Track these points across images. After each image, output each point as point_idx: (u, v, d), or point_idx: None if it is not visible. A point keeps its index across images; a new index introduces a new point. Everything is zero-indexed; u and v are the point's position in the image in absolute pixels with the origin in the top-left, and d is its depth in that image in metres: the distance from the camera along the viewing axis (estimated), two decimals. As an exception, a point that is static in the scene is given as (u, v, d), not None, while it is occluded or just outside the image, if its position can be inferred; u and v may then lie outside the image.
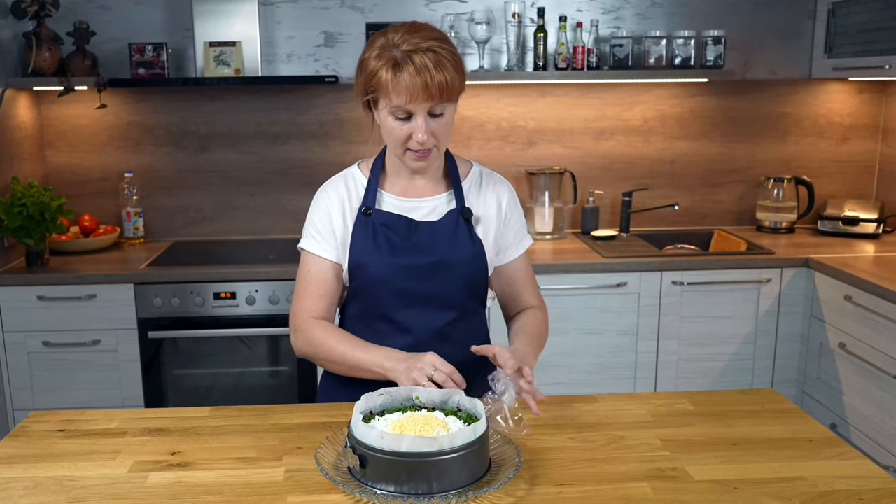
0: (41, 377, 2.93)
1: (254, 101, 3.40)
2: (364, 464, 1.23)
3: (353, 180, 1.67)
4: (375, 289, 1.62)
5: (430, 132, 1.51)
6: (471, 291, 1.66)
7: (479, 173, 1.72)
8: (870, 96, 3.56)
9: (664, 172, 3.58)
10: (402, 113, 1.49)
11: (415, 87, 1.45)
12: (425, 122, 1.49)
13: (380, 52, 1.49)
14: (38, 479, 1.33)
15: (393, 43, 1.48)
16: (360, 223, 1.63)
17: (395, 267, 1.60)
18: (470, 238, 1.64)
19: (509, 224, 1.71)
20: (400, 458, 1.21)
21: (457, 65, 1.50)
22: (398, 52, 1.46)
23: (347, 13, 3.35)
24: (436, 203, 1.66)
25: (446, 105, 1.50)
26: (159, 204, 3.46)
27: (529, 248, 1.77)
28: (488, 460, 1.31)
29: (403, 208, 1.64)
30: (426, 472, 1.21)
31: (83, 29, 3.14)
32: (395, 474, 1.22)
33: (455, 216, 1.64)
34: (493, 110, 3.48)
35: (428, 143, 1.52)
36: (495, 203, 1.69)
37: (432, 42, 1.47)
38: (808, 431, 1.50)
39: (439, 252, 1.61)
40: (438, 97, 1.47)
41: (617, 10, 3.42)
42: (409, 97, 1.46)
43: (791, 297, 3.05)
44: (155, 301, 2.90)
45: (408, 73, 1.45)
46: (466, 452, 1.24)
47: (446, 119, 1.53)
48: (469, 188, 1.68)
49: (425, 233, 1.62)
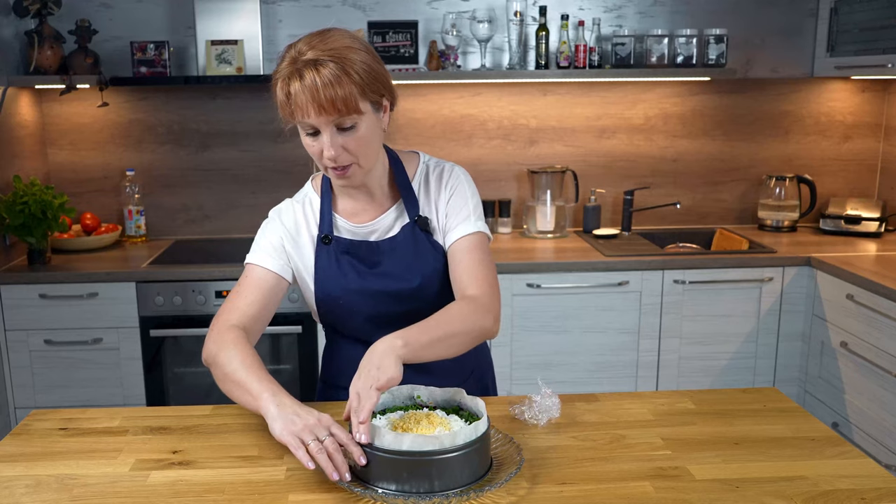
0: (43, 375, 2.93)
1: (255, 100, 3.40)
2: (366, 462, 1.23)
3: (310, 204, 1.61)
4: (349, 317, 1.58)
5: (340, 147, 1.41)
6: (445, 301, 1.56)
7: (426, 169, 1.62)
8: (872, 95, 3.55)
9: (666, 171, 3.58)
10: (309, 128, 1.41)
11: (305, 102, 1.36)
12: (331, 137, 1.40)
13: (287, 64, 1.39)
14: (40, 478, 1.33)
15: (298, 52, 1.38)
16: (321, 252, 1.57)
17: (365, 294, 1.55)
18: (432, 248, 1.57)
19: (449, 206, 1.58)
20: (401, 456, 1.21)
21: (363, 74, 1.37)
22: (297, 65, 1.36)
23: (349, 11, 3.35)
24: (389, 219, 1.58)
25: (355, 117, 1.39)
26: (161, 202, 3.46)
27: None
28: (490, 459, 1.30)
29: (359, 234, 1.58)
30: (427, 471, 1.21)
31: (85, 27, 3.15)
32: (396, 473, 1.22)
33: (411, 229, 1.57)
34: (495, 109, 3.48)
35: (342, 158, 1.42)
36: (443, 194, 1.59)
37: (331, 51, 1.36)
38: (810, 430, 1.50)
39: (408, 276, 1.54)
40: (334, 111, 1.36)
41: (619, 8, 3.42)
42: (302, 113, 1.37)
43: (793, 295, 3.05)
44: (157, 299, 2.90)
45: (296, 88, 1.36)
46: (468, 451, 1.24)
47: (361, 133, 1.41)
48: (419, 189, 1.60)
49: (388, 253, 1.56)
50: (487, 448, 1.30)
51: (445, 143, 3.46)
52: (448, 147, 3.46)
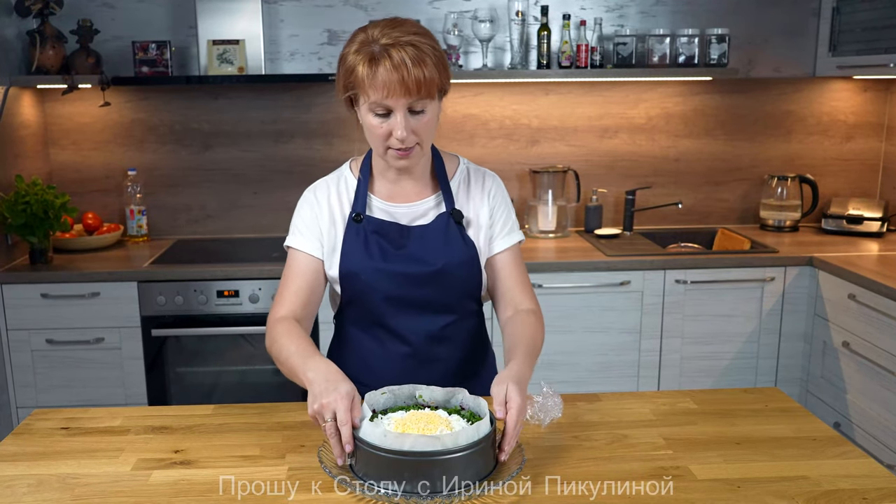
0: (45, 375, 2.93)
1: (257, 100, 3.41)
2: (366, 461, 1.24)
3: (345, 183, 1.65)
4: (369, 296, 1.60)
5: (410, 129, 1.46)
6: (466, 294, 1.64)
7: (467, 170, 1.68)
8: (874, 94, 3.55)
9: (668, 171, 3.57)
10: (381, 109, 1.45)
11: (391, 83, 1.41)
12: (405, 118, 1.45)
13: (359, 46, 1.45)
14: (42, 477, 1.34)
15: (372, 38, 1.43)
16: (350, 229, 1.60)
17: (387, 275, 1.57)
18: (463, 241, 1.61)
19: (495, 215, 1.66)
20: (403, 457, 1.21)
21: (438, 61, 1.46)
22: (377, 47, 1.42)
23: (351, 11, 3.35)
24: (425, 206, 1.62)
25: (427, 102, 1.46)
26: (163, 202, 3.47)
27: (522, 246, 1.71)
28: (493, 459, 1.30)
29: (393, 214, 1.61)
30: (429, 471, 1.21)
31: (87, 27, 3.15)
32: (398, 473, 1.22)
33: (445, 219, 1.61)
34: (497, 108, 3.48)
35: (409, 140, 1.47)
36: (485, 200, 1.65)
37: (412, 37, 1.43)
38: (812, 430, 1.50)
39: (432, 259, 1.58)
40: (416, 93, 1.43)
41: (620, 7, 3.42)
42: (387, 93, 1.42)
43: (795, 295, 3.05)
44: (158, 299, 2.90)
45: (384, 68, 1.41)
46: (470, 452, 1.23)
47: (428, 117, 1.48)
48: (458, 187, 1.65)
49: (417, 239, 1.60)
50: (490, 448, 1.29)
51: (448, 142, 3.46)
52: (450, 147, 3.46)
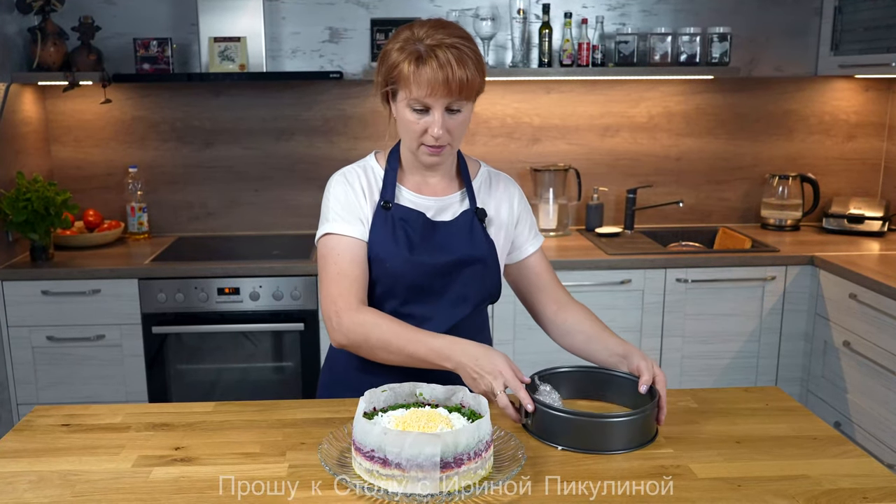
0: (45, 372, 2.93)
1: (258, 97, 3.40)
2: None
3: (372, 171, 1.67)
4: (391, 283, 1.62)
5: (445, 128, 1.51)
6: (485, 290, 1.68)
7: (488, 173, 1.73)
8: (876, 94, 3.55)
9: (669, 169, 3.57)
10: (420, 106, 1.50)
11: (436, 82, 1.46)
12: (442, 117, 1.50)
13: (403, 44, 1.50)
14: (43, 473, 1.34)
15: (417, 37, 1.49)
16: (379, 215, 1.62)
17: (412, 263, 1.60)
18: (485, 238, 1.65)
19: (522, 222, 1.75)
20: (575, 416, 1.43)
21: (478, 64, 1.51)
22: (422, 46, 1.47)
23: (352, 9, 3.35)
24: (449, 202, 1.66)
25: (464, 103, 1.52)
26: (164, 199, 3.47)
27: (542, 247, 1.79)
28: (654, 426, 1.46)
29: (420, 205, 1.64)
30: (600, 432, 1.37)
31: (88, 24, 3.15)
32: (570, 431, 1.40)
33: (469, 216, 1.65)
34: (498, 107, 3.48)
35: (443, 138, 1.52)
36: (506, 204, 1.71)
37: (457, 39, 1.49)
38: (813, 429, 1.50)
39: (457, 251, 1.62)
40: (458, 93, 1.48)
41: (622, 6, 3.41)
42: (430, 91, 1.47)
43: (796, 294, 3.05)
44: (159, 296, 2.90)
45: (430, 67, 1.46)
46: (637, 417, 1.41)
47: (463, 117, 1.54)
48: (479, 188, 1.70)
49: (442, 232, 1.63)
50: (652, 415, 1.45)
51: (448, 140, 3.46)
52: (451, 145, 3.46)
